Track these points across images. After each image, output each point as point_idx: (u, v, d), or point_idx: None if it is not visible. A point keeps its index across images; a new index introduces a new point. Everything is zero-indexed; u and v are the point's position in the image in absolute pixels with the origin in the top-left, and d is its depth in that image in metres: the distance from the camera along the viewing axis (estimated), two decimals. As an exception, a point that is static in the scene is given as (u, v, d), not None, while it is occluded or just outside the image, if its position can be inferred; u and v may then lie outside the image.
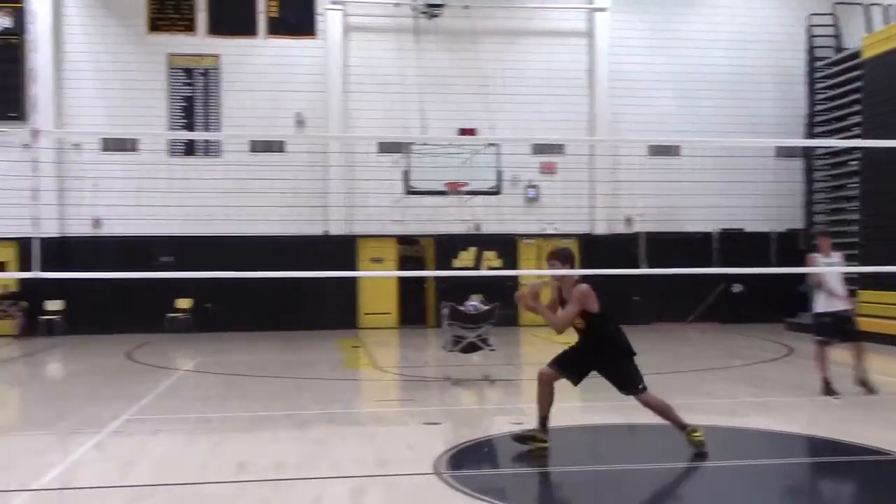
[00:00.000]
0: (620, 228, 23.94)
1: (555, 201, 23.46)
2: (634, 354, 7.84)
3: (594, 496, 7.12)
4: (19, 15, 22.24)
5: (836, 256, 11.19)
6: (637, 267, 22.49)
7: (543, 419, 7.90)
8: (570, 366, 7.89)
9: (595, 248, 23.33)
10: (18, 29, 22.23)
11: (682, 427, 7.74)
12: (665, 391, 11.85)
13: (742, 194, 23.05)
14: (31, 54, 22.06)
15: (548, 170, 23.67)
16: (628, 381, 7.73)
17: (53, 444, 8.64)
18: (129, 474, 7.29)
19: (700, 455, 7.55)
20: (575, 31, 24.12)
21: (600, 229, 23.90)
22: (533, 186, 23.59)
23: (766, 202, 23.61)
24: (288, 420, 9.66)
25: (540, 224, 23.63)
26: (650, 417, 9.96)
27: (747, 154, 22.48)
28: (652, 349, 17.73)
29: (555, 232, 23.54)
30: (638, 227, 23.81)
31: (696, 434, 7.65)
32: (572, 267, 8.02)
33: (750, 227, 23.94)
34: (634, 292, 22.40)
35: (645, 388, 7.74)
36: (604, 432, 9.41)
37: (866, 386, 10.82)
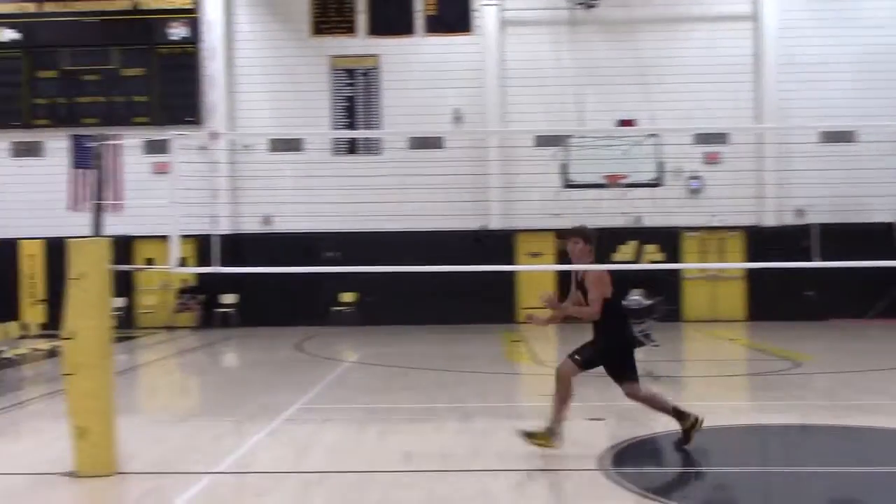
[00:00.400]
0: (790, 220, 22.82)
1: (719, 192, 22.61)
2: (640, 345, 7.64)
3: (765, 499, 6.82)
4: (195, 25, 23.55)
5: None
6: (809, 260, 21.35)
7: (558, 423, 7.55)
8: (587, 358, 7.74)
9: (763, 240, 22.36)
10: (194, 38, 23.54)
11: (679, 415, 7.63)
12: (843, 391, 11.26)
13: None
14: (208, 62, 23.33)
15: (711, 160, 22.87)
16: (627, 371, 7.69)
17: (231, 430, 9.08)
18: (302, 461, 7.57)
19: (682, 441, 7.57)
20: (739, 15, 23.15)
21: (769, 221, 22.87)
22: (696, 177, 22.86)
23: (954, 189, 21.90)
24: (451, 412, 9.76)
25: (704, 216, 22.86)
26: (826, 418, 9.47)
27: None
28: (828, 347, 16.86)
29: (719, 224, 22.72)
30: (810, 218, 22.61)
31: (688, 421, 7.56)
32: (592, 245, 7.80)
33: (937, 217, 22.29)
34: (807, 287, 21.32)
35: (637, 380, 7.68)
36: (776, 433, 9.00)
37: None
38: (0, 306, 21.05)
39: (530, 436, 7.55)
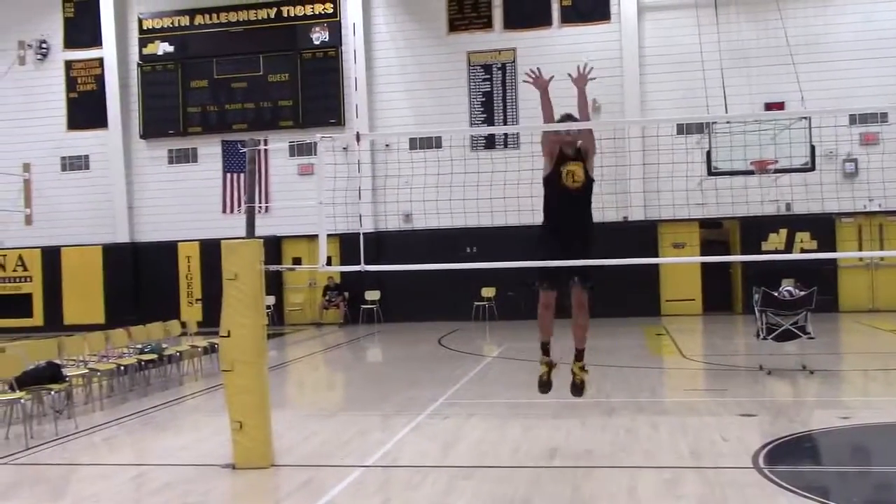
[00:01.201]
0: (958, 202, 21.32)
1: (877, 175, 21.33)
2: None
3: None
4: (335, 28, 24.19)
5: None
6: (980, 244, 19.91)
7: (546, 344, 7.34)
8: (553, 270, 6.99)
9: (926, 224, 21.02)
10: (335, 42, 24.19)
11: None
12: None
13: None
14: (348, 64, 23.93)
15: (869, 141, 21.64)
16: (597, 271, 7.02)
17: (378, 424, 9.30)
18: (449, 455, 7.66)
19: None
20: (897, -14, 21.81)
21: (933, 204, 21.45)
22: (851, 160, 21.69)
23: None
24: (595, 407, 9.65)
25: (860, 200, 21.64)
26: None
27: None
28: None
29: (878, 209, 21.48)
30: (979, 200, 21.05)
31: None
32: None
33: None
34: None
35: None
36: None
37: None
38: (161, 305, 22.34)
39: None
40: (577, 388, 7.37)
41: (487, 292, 22.78)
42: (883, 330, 17.99)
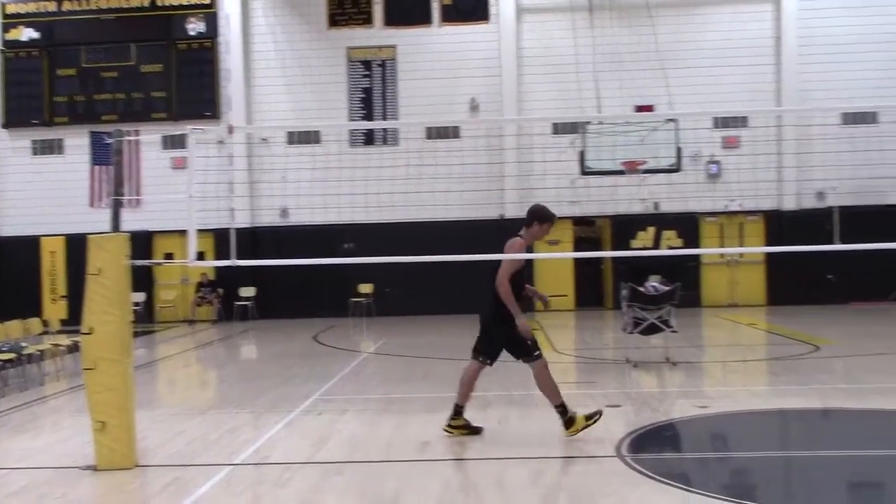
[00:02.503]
0: (811, 203, 22.64)
1: (739, 176, 22.43)
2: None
3: (783, 483, 6.79)
4: (212, 19, 23.63)
5: None
6: (830, 243, 21.18)
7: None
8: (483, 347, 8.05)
9: (783, 224, 22.24)
10: (212, 33, 23.63)
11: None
12: (864, 374, 11.17)
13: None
14: (224, 56, 23.43)
15: (731, 144, 22.71)
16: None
17: (250, 421, 9.15)
18: (320, 451, 7.62)
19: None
20: (759, -2, 22.98)
21: (789, 204, 22.70)
22: (715, 162, 22.72)
23: None
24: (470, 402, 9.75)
25: (723, 201, 22.73)
26: (846, 402, 9.41)
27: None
28: (849, 330, 16.72)
29: (739, 208, 22.58)
30: (831, 202, 22.41)
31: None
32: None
33: (967, 197, 22.05)
34: (828, 270, 21.21)
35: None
36: (795, 417, 8.96)
37: None
38: (22, 302, 21.27)
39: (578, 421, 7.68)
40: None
41: (365, 289, 22.75)
42: (741, 324, 18.94)
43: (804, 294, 21.36)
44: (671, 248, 22.05)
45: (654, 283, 12.62)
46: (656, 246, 22.42)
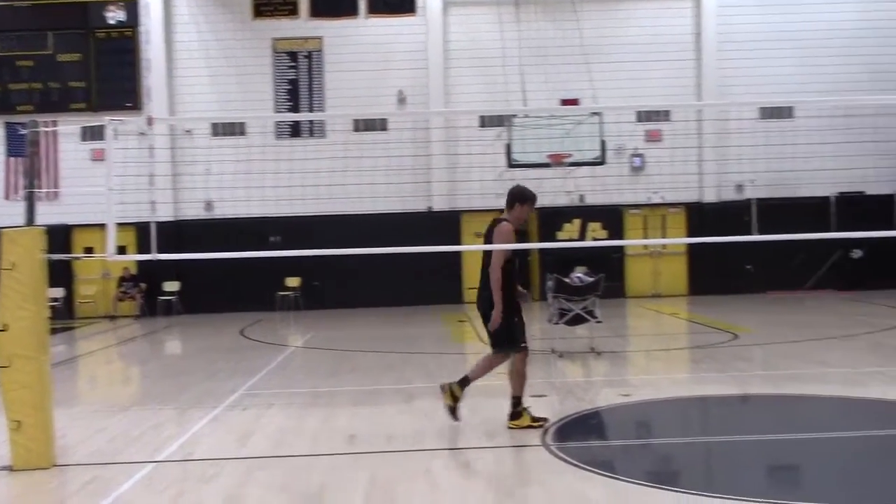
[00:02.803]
0: (731, 195, 23.24)
1: (661, 169, 22.90)
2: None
3: (705, 468, 6.97)
4: (132, 8, 23.06)
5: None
6: (749, 234, 21.79)
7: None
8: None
9: (704, 216, 22.79)
10: (132, 21, 23.06)
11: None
12: (780, 361, 11.54)
13: (863, 155, 21.86)
14: (145, 45, 22.90)
15: (653, 137, 23.16)
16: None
17: (174, 417, 9.00)
18: (245, 446, 7.53)
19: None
20: (681, -7, 23.45)
21: (709, 197, 23.28)
22: (638, 155, 23.14)
23: (889, 163, 22.49)
24: (396, 394, 9.78)
25: (646, 193, 23.19)
26: (764, 388, 9.71)
27: (868, 113, 21.44)
28: (767, 319, 17.23)
29: (661, 201, 23.05)
30: (749, 194, 23.04)
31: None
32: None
33: (872, 190, 22.88)
34: (747, 261, 21.84)
35: None
36: (715, 403, 9.19)
37: None
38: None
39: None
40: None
41: (292, 282, 22.55)
42: (664, 313, 19.36)
43: (724, 284, 21.94)
44: (596, 239, 22.41)
45: (579, 275, 12.81)
46: (582, 238, 22.73)
